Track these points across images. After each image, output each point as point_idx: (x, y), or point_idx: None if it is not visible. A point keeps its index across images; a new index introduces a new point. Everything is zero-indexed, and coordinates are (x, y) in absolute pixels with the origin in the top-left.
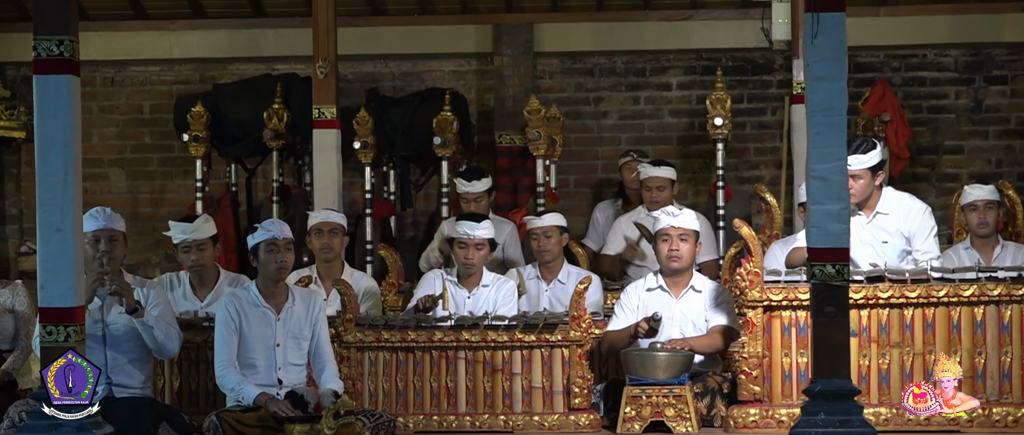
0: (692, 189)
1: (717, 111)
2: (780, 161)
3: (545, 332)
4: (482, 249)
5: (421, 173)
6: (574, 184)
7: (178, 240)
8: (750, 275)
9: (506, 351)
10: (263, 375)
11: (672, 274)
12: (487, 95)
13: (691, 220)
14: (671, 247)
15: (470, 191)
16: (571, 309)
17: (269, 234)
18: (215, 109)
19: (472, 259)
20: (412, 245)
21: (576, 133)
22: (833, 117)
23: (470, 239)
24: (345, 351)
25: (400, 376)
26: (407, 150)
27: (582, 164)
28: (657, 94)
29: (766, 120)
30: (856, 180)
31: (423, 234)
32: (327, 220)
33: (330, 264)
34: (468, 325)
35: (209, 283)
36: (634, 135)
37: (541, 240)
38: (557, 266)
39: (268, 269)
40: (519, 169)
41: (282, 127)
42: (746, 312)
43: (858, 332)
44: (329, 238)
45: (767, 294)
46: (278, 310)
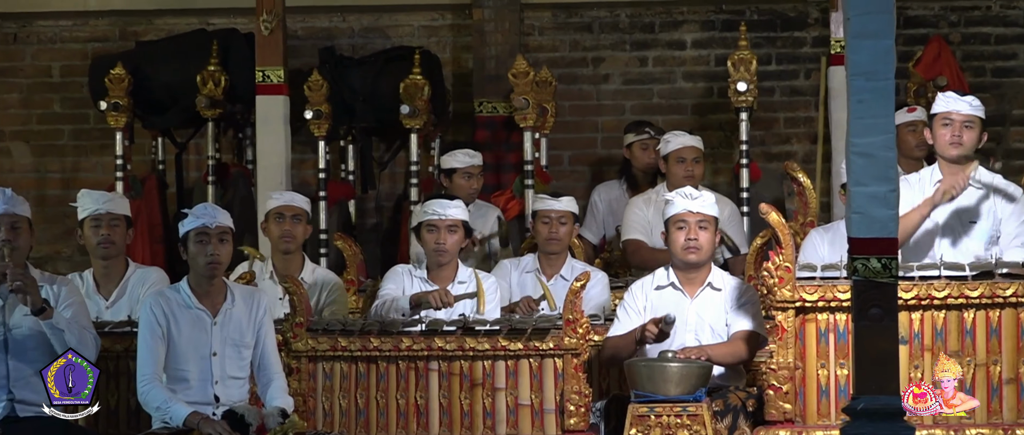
0: (710, 168)
1: (740, 74)
2: (815, 134)
3: (535, 338)
4: (455, 232)
5: (386, 149)
6: (569, 162)
7: (88, 212)
8: (779, 270)
9: (488, 361)
10: (196, 391)
11: (687, 268)
12: (465, 55)
13: (711, 204)
14: (688, 236)
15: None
16: (565, 311)
17: (199, 221)
18: (138, 71)
19: (444, 244)
20: (374, 234)
21: (571, 100)
22: (878, 81)
23: (441, 220)
24: (294, 362)
25: (361, 392)
26: (369, 121)
27: (578, 138)
28: (668, 54)
29: (799, 85)
30: (969, 129)
31: (388, 221)
32: (290, 203)
33: (290, 257)
34: (442, 330)
35: (115, 277)
36: (640, 103)
37: (554, 226)
38: (562, 259)
39: (198, 263)
40: (503, 144)
41: (219, 93)
42: (775, 315)
43: (909, 338)
44: (291, 225)
45: (800, 293)
46: (214, 312)
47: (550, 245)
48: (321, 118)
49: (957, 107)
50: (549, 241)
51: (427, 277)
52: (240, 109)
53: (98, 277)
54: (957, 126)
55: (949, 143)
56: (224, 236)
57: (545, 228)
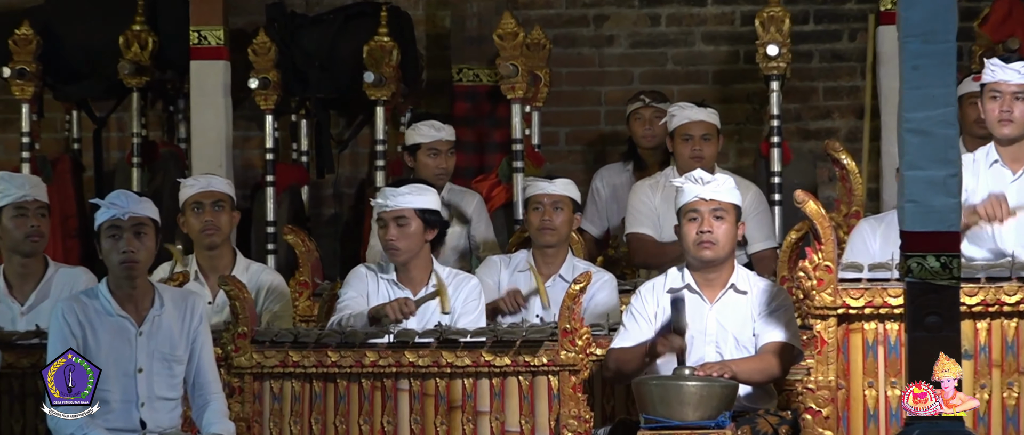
0: (735, 147)
1: (771, 35)
2: (861, 107)
3: (525, 353)
4: (407, 224)
5: (346, 124)
6: (566, 140)
7: (11, 198)
8: (818, 271)
9: (469, 379)
10: (118, 414)
11: (704, 268)
12: (441, 12)
13: (729, 189)
14: (701, 228)
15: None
16: (562, 319)
17: (110, 212)
18: (49, 31)
19: (395, 240)
20: (332, 227)
21: (568, 67)
22: (937, 44)
23: (388, 212)
24: (236, 380)
25: (316, 416)
26: (326, 91)
27: (577, 112)
28: (685, 11)
29: (841, 48)
30: (1021, 102)
31: (349, 212)
32: (207, 189)
33: (214, 254)
34: (414, 342)
35: (33, 278)
36: (652, 70)
37: (548, 212)
38: (561, 256)
39: (111, 262)
40: (486, 118)
41: (146, 58)
42: (813, 324)
43: (974, 352)
44: (212, 215)
45: (843, 298)
46: (139, 321)
47: (544, 235)
48: (268, 88)
49: (1005, 76)
50: (543, 230)
51: (396, 280)
52: (171, 77)
53: (11, 277)
54: (1007, 99)
55: (998, 120)
56: (142, 229)
57: (537, 216)
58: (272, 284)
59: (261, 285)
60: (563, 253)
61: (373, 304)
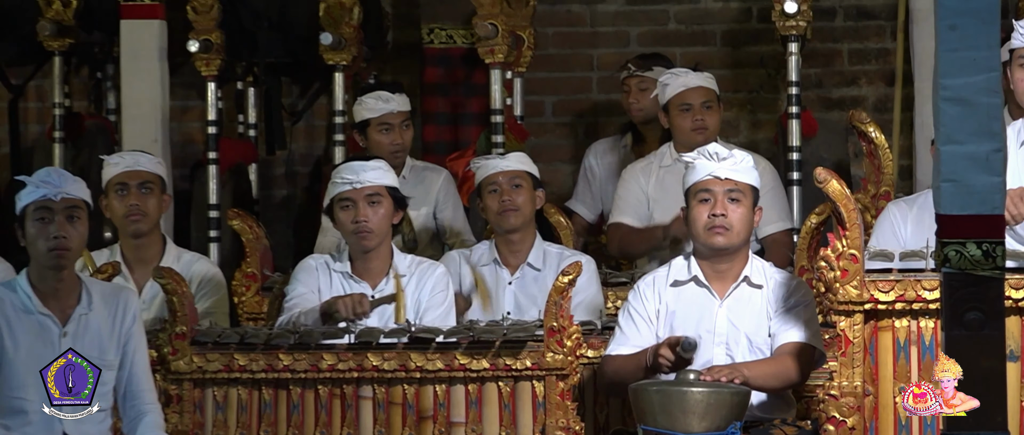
0: (747, 118)
1: None
2: (892, 72)
3: (505, 355)
4: (379, 204)
5: (300, 93)
6: (553, 111)
7: None
8: (842, 260)
9: (441, 385)
10: (38, 427)
11: (714, 257)
12: None
13: (747, 167)
14: (714, 210)
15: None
16: (547, 317)
17: (39, 192)
18: None
19: (367, 221)
20: (284, 211)
21: (556, 27)
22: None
23: (356, 189)
24: (174, 387)
25: (266, 427)
26: (277, 55)
27: (566, 79)
28: None
29: (869, 5)
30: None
31: (303, 194)
32: (134, 168)
33: (141, 243)
34: (378, 343)
35: None
36: (651, 30)
37: (506, 193)
38: (527, 242)
39: (38, 249)
40: (461, 86)
41: (69, 16)
42: (836, 321)
43: (1020, 353)
44: (138, 198)
45: (871, 291)
46: (63, 319)
47: (507, 218)
48: (210, 51)
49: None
50: (504, 213)
51: (352, 272)
52: (98, 39)
53: None
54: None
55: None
56: (75, 212)
57: (495, 199)
58: (205, 275)
59: (193, 277)
60: (530, 238)
61: None
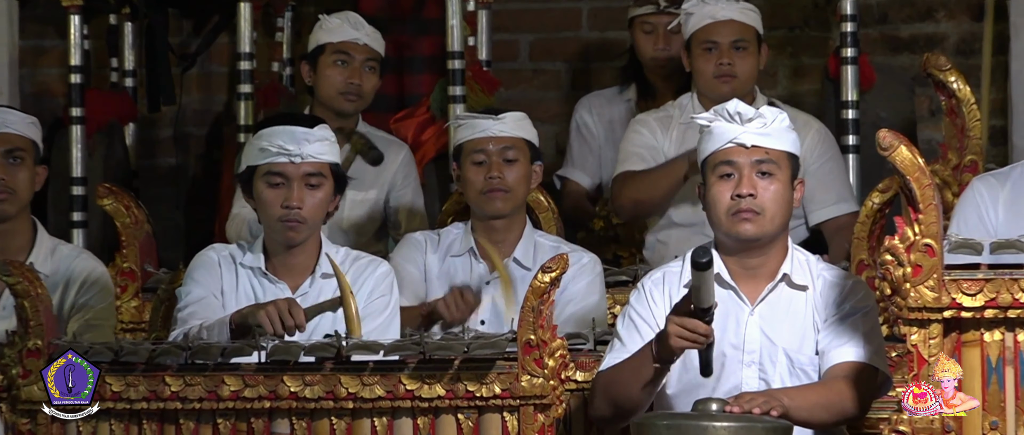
0: (788, 65)
1: None
2: (980, 3)
3: (467, 379)
4: (319, 186)
5: (194, 30)
6: (529, 54)
7: None
8: (914, 253)
9: (381, 419)
10: None
11: (741, 250)
12: None
13: (781, 130)
14: (738, 190)
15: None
16: (522, 328)
17: None
18: None
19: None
20: (173, 187)
21: None
22: None
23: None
24: (26, 421)
25: None
26: None
27: (547, 10)
28: None
29: None
30: None
31: (197, 163)
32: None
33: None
34: (297, 362)
35: None
36: None
37: (496, 166)
38: (514, 231)
39: None
40: (408, 22)
41: None
42: (906, 334)
43: None
44: (5, 171)
45: (952, 294)
46: None
47: (493, 201)
48: None
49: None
50: (490, 194)
51: (266, 268)
52: None
53: None
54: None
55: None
56: None
57: (479, 172)
58: (89, 275)
59: (73, 276)
60: (518, 226)
61: (233, 308)
